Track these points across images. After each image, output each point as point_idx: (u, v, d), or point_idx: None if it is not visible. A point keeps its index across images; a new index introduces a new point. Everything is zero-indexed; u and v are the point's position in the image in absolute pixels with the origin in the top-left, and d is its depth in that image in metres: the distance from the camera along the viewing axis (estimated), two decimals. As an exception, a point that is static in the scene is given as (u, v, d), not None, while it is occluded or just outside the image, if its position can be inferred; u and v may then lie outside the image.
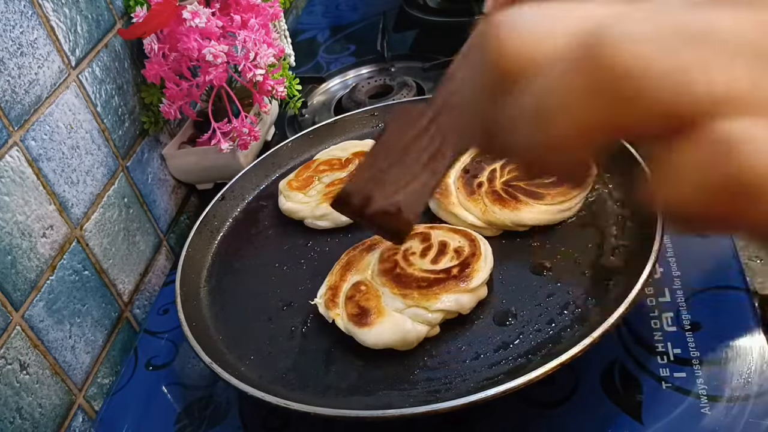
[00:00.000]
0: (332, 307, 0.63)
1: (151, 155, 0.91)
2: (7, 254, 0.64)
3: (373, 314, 0.60)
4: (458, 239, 0.67)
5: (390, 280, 0.63)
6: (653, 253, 0.60)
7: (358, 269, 0.66)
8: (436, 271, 0.63)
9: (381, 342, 0.60)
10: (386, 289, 0.62)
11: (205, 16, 0.78)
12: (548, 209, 0.70)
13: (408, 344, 0.60)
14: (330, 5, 1.50)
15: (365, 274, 0.65)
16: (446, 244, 0.66)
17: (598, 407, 0.58)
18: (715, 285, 0.66)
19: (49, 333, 0.68)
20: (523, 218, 0.69)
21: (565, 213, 0.70)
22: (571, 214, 0.71)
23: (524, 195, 0.70)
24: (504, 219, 0.70)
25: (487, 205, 0.71)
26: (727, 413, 0.55)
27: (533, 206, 0.69)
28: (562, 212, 0.70)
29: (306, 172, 0.83)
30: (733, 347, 0.60)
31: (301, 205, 0.79)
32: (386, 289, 0.62)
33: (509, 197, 0.70)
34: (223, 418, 0.66)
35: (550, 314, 0.61)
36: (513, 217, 0.70)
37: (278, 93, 0.89)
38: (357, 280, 0.64)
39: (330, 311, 0.62)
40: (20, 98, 0.68)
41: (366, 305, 0.61)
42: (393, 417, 0.53)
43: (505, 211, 0.70)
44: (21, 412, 0.64)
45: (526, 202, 0.70)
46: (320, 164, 0.84)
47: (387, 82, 1.09)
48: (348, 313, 0.61)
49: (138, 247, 0.85)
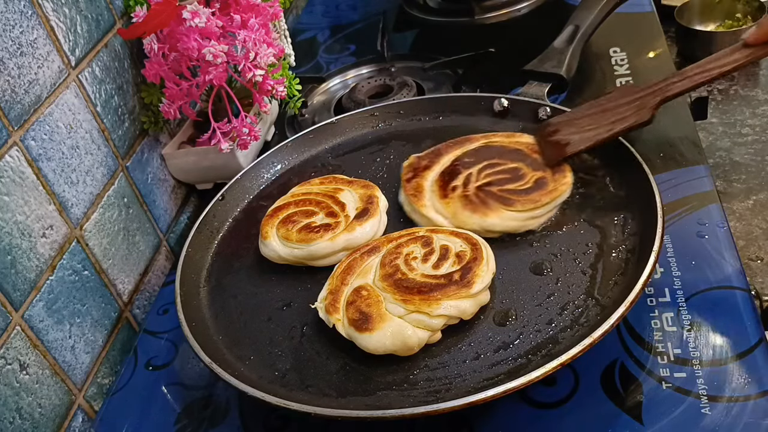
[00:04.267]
0: (333, 312, 0.62)
1: (150, 155, 0.91)
2: (7, 254, 0.64)
3: (375, 319, 0.60)
4: (460, 243, 0.66)
5: (391, 285, 0.62)
6: (653, 253, 0.60)
7: (359, 273, 0.66)
8: (438, 276, 0.63)
9: (382, 347, 0.59)
10: (388, 294, 0.62)
11: (205, 16, 0.78)
12: (516, 216, 0.70)
13: (409, 350, 0.60)
14: (330, 5, 1.50)
15: (367, 278, 0.65)
16: (448, 249, 0.66)
17: (598, 407, 0.58)
18: (715, 285, 0.66)
19: (48, 333, 0.68)
20: (490, 224, 0.69)
21: (534, 221, 0.70)
22: (541, 222, 0.71)
23: (495, 200, 0.70)
24: (472, 224, 0.70)
25: (457, 209, 0.71)
26: (727, 413, 0.55)
27: (502, 213, 0.69)
28: (531, 219, 0.70)
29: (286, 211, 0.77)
30: (733, 347, 0.60)
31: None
32: (388, 295, 0.62)
33: (480, 202, 0.70)
34: (223, 418, 0.66)
35: (550, 314, 0.61)
36: (481, 223, 0.70)
37: (278, 93, 0.89)
38: (358, 285, 0.64)
39: (330, 316, 0.62)
40: (20, 98, 0.68)
41: (367, 310, 0.60)
42: (393, 417, 0.53)
43: (474, 216, 0.70)
44: (21, 412, 0.64)
45: (495, 209, 0.70)
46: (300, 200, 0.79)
47: (387, 82, 1.09)
48: (349, 318, 0.61)
49: (138, 247, 0.85)
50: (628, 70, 1.02)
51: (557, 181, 0.71)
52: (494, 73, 1.09)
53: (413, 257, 0.65)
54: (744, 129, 2.13)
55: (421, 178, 0.77)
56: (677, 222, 0.73)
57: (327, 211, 0.75)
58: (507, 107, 0.88)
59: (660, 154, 0.83)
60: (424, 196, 0.75)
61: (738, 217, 1.83)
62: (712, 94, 2.28)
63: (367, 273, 0.65)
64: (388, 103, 0.96)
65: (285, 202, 0.78)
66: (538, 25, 1.23)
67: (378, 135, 0.92)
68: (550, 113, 0.84)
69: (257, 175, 0.89)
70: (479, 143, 0.79)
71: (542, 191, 0.70)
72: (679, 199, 0.76)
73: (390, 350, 0.59)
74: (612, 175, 0.74)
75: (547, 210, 0.70)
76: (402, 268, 0.64)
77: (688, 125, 0.88)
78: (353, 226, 0.72)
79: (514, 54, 0.99)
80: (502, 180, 0.73)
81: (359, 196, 0.77)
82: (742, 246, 1.73)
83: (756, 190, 1.91)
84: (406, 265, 0.64)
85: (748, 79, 2.34)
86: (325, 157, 0.91)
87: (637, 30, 1.11)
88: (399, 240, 0.68)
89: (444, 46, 1.18)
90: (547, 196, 0.70)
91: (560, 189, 0.71)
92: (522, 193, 0.70)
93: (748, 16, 2.39)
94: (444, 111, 0.92)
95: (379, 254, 0.67)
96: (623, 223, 0.68)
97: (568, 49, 0.92)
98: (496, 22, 1.27)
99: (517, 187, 0.71)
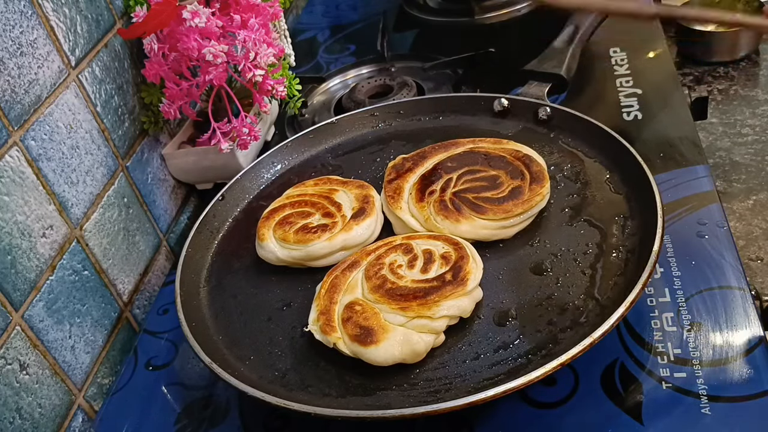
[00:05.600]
0: (330, 332, 0.61)
1: (150, 155, 0.91)
2: (7, 254, 0.64)
3: (377, 331, 0.59)
4: (441, 245, 0.66)
5: (384, 296, 0.61)
6: (653, 253, 0.60)
7: (345, 290, 0.64)
8: (429, 279, 0.62)
9: (391, 358, 0.58)
10: (382, 305, 0.61)
11: (205, 16, 0.78)
12: (487, 225, 0.69)
13: (418, 356, 0.59)
14: (330, 5, 1.50)
15: (355, 293, 0.64)
16: (432, 252, 0.65)
17: (598, 407, 0.58)
18: (715, 285, 0.66)
19: (48, 333, 0.68)
20: (461, 232, 0.69)
21: (505, 231, 0.70)
22: (513, 232, 0.70)
23: (469, 208, 0.70)
24: (443, 230, 0.70)
25: (431, 214, 0.71)
26: (727, 413, 0.55)
27: (474, 221, 0.69)
28: (502, 229, 0.70)
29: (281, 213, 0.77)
30: (733, 347, 0.60)
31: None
32: (383, 306, 0.61)
33: (453, 209, 0.70)
34: (223, 418, 0.66)
35: (550, 314, 0.61)
36: (453, 230, 0.69)
37: (278, 93, 0.89)
38: (349, 301, 0.63)
39: (329, 336, 0.60)
40: (20, 98, 0.68)
41: (366, 324, 0.60)
42: (393, 417, 0.53)
43: (446, 222, 0.70)
44: (21, 412, 0.64)
45: (468, 216, 0.70)
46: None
47: (387, 82, 1.09)
48: (349, 334, 0.60)
49: (138, 247, 0.85)
50: (628, 70, 1.02)
51: (533, 191, 0.70)
52: (494, 73, 1.09)
53: (398, 265, 0.65)
54: (744, 129, 2.13)
55: (403, 179, 0.77)
56: (677, 222, 0.73)
57: (323, 212, 0.75)
58: (507, 107, 0.88)
59: (660, 154, 0.83)
60: (402, 198, 0.75)
61: (738, 217, 1.83)
62: (712, 94, 2.28)
63: (354, 288, 0.64)
64: (388, 103, 0.96)
65: (280, 203, 0.78)
66: (538, 25, 1.23)
67: (378, 135, 0.92)
68: (550, 113, 0.84)
69: (257, 175, 0.89)
70: (465, 148, 0.79)
71: (516, 201, 0.69)
72: (679, 199, 0.76)
73: (399, 359, 0.59)
74: (612, 175, 0.74)
75: (520, 220, 0.70)
76: (390, 277, 0.63)
77: (688, 125, 0.88)
78: (350, 225, 0.72)
79: (514, 54, 0.99)
80: (478, 187, 0.72)
81: (355, 197, 0.77)
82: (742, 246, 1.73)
83: (756, 190, 1.91)
84: (393, 274, 0.64)
85: (748, 79, 2.34)
86: (325, 157, 0.91)
87: (637, 30, 1.11)
88: (377, 251, 0.67)
89: (444, 46, 1.18)
90: (521, 206, 0.69)
91: (534, 200, 0.70)
92: (495, 201, 0.70)
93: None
94: (444, 111, 0.92)
95: (361, 268, 0.66)
96: (623, 223, 0.68)
97: (568, 49, 0.92)
98: (496, 22, 1.27)
99: (492, 196, 0.71)
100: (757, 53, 2.42)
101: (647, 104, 0.94)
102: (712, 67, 2.40)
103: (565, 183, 0.76)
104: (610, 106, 0.95)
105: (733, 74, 2.36)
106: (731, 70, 2.38)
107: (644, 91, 0.97)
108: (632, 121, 0.91)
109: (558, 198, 0.74)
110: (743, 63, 2.40)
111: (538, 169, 0.73)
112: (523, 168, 0.73)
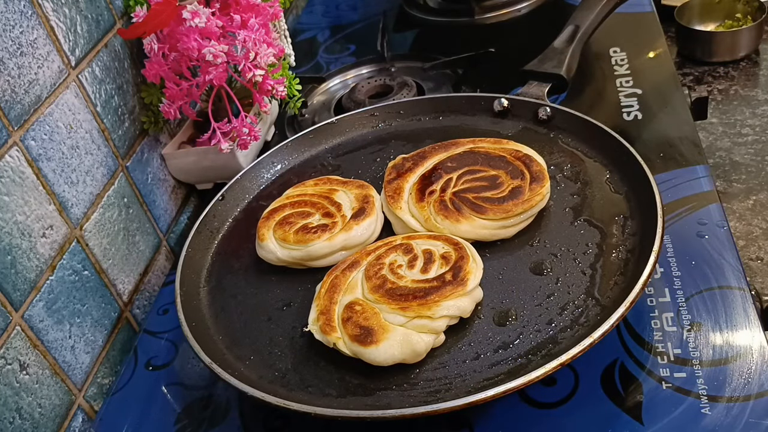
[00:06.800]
0: (329, 332, 0.61)
1: (150, 155, 0.91)
2: (7, 254, 0.64)
3: (377, 331, 0.59)
4: (441, 245, 0.66)
5: (384, 296, 0.61)
6: (653, 253, 0.60)
7: (345, 290, 0.64)
8: (429, 279, 0.62)
9: (391, 358, 0.58)
10: (382, 305, 0.61)
11: (205, 16, 0.78)
12: (487, 225, 0.69)
13: (418, 355, 0.59)
14: (330, 5, 1.50)
15: (355, 293, 0.64)
16: (432, 252, 0.65)
17: (598, 407, 0.58)
18: (715, 285, 0.66)
19: (48, 333, 0.68)
20: (461, 232, 0.69)
21: (505, 231, 0.70)
22: (513, 232, 0.70)
23: (469, 208, 0.70)
24: (443, 230, 0.70)
25: (431, 214, 0.71)
26: (727, 413, 0.55)
27: (474, 221, 0.69)
28: (502, 229, 0.70)
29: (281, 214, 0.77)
30: (733, 347, 0.60)
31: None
32: (383, 306, 0.61)
33: (454, 209, 0.70)
34: (223, 418, 0.66)
35: (550, 314, 0.61)
36: (453, 230, 0.69)
37: (278, 93, 0.89)
38: (349, 301, 0.63)
39: (328, 336, 0.60)
40: (20, 98, 0.68)
41: (367, 324, 0.60)
42: (393, 417, 0.53)
43: (446, 222, 0.70)
44: (21, 412, 0.64)
45: (468, 216, 0.70)
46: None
47: (387, 82, 1.09)
48: (349, 334, 0.60)
49: (138, 247, 0.85)
50: (628, 70, 1.02)
51: (533, 191, 0.70)
52: (494, 73, 1.09)
53: (398, 265, 0.65)
54: (744, 129, 2.13)
55: (403, 179, 0.77)
56: (677, 222, 0.73)
57: (323, 212, 0.75)
58: (507, 107, 0.88)
59: (660, 154, 0.83)
60: (402, 198, 0.75)
61: (738, 217, 1.83)
62: (712, 95, 2.28)
63: (354, 288, 0.64)
64: (388, 103, 0.96)
65: (280, 203, 0.78)
66: (538, 25, 1.23)
67: (378, 135, 0.93)
68: (550, 113, 0.84)
69: (257, 175, 0.89)
70: (465, 148, 0.79)
71: (516, 201, 0.69)
72: (679, 199, 0.76)
73: (399, 359, 0.59)
74: (612, 175, 0.74)
75: (520, 220, 0.70)
76: (390, 277, 0.63)
77: (688, 125, 0.88)
78: (350, 225, 0.72)
79: (514, 54, 0.99)
80: (478, 187, 0.72)
81: (355, 196, 0.77)
82: (742, 246, 1.73)
83: (756, 190, 1.91)
84: (393, 274, 0.64)
85: (748, 79, 2.34)
86: (325, 157, 0.91)
87: (637, 30, 1.11)
88: (377, 251, 0.67)
89: (444, 46, 1.18)
90: (520, 206, 0.69)
91: (534, 200, 0.70)
92: (496, 201, 0.70)
93: (748, 16, 2.39)
94: (444, 111, 0.92)
95: (361, 268, 0.66)
96: (623, 223, 0.68)
97: (568, 49, 0.92)
98: (496, 22, 1.27)
99: (492, 196, 0.71)
100: (757, 53, 2.42)
101: (647, 104, 0.94)
102: (712, 67, 2.40)
103: (565, 183, 0.76)
104: (610, 106, 0.95)
105: (733, 74, 2.37)
106: (731, 70, 2.38)
107: (644, 91, 0.97)
108: (632, 121, 0.91)
109: (558, 198, 0.74)
110: (743, 63, 2.40)
111: (538, 169, 0.73)
112: (523, 168, 0.73)
